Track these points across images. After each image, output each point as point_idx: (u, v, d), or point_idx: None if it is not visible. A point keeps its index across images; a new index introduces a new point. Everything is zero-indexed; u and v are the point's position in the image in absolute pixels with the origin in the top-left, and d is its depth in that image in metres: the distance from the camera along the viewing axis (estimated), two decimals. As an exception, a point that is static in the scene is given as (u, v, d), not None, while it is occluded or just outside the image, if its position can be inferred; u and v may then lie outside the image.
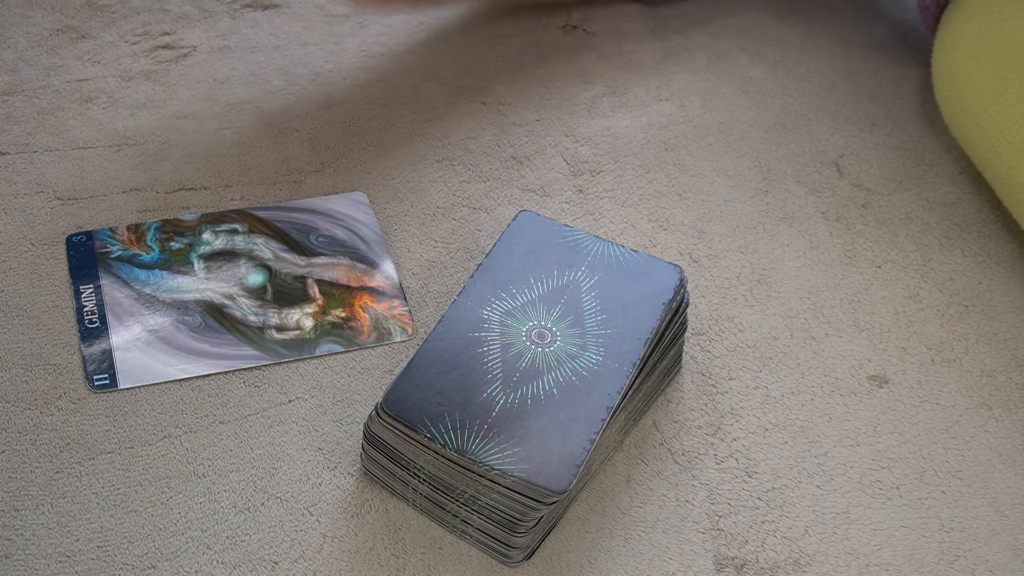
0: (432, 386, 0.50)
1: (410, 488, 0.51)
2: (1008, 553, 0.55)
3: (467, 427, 0.49)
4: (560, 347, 0.52)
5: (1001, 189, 0.63)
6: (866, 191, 0.68)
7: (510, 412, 0.49)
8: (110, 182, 0.65)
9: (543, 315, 0.53)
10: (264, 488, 0.54)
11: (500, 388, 0.50)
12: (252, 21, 0.74)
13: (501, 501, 0.49)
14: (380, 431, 0.50)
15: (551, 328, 0.52)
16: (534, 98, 0.72)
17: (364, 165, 0.67)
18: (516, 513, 0.49)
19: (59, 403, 0.56)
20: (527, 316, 0.53)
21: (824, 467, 0.57)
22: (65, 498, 0.52)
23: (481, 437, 0.49)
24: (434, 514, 0.52)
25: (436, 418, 0.49)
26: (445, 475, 0.49)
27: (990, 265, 0.65)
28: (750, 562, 0.53)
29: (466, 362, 0.51)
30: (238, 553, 0.51)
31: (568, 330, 0.52)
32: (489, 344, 0.52)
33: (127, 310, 0.59)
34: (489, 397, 0.50)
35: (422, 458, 0.49)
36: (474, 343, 0.52)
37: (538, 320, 0.53)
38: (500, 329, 0.52)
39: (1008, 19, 0.62)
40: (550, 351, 0.51)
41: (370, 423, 0.51)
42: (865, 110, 0.73)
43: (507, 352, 0.51)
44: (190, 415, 0.56)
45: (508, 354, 0.51)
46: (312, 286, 0.61)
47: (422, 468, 0.50)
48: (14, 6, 0.73)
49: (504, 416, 0.49)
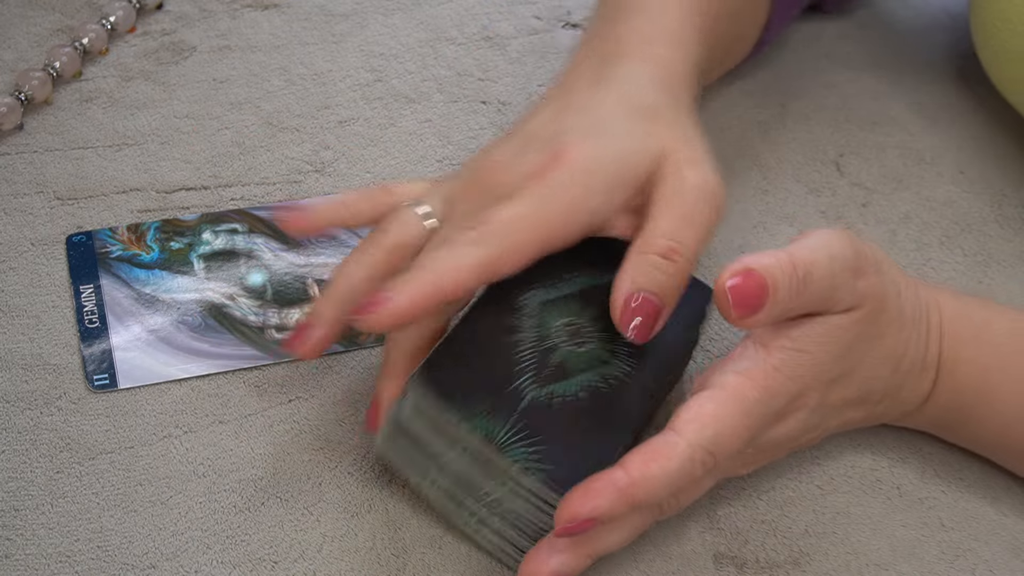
0: (466, 366, 0.49)
1: (428, 479, 0.50)
2: (1008, 553, 0.55)
3: (497, 414, 0.48)
4: (592, 350, 0.51)
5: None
6: (866, 190, 0.68)
7: (539, 407, 0.49)
8: (110, 182, 0.65)
9: (578, 312, 0.52)
10: (264, 488, 0.54)
11: (532, 380, 0.49)
12: (252, 21, 0.74)
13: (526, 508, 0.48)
14: (409, 408, 0.49)
15: (586, 328, 0.51)
16: (534, 97, 0.72)
17: (364, 165, 0.67)
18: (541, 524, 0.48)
19: (59, 403, 0.56)
20: (566, 310, 0.52)
21: (824, 467, 0.57)
22: (65, 498, 0.53)
23: (510, 427, 0.48)
24: (448, 511, 0.51)
25: (467, 398, 0.48)
26: (469, 465, 0.49)
27: (991, 265, 0.65)
28: (750, 561, 0.53)
29: (499, 347, 0.50)
30: (238, 553, 0.51)
31: (601, 333, 0.51)
32: (524, 332, 0.51)
33: (127, 310, 0.59)
34: (520, 387, 0.49)
35: (449, 442, 0.49)
36: (509, 329, 0.51)
37: (573, 317, 0.52)
38: (537, 319, 0.51)
39: None
40: (582, 352, 0.51)
41: (401, 399, 0.49)
42: (865, 110, 0.73)
43: (541, 344, 0.50)
44: (190, 415, 0.56)
45: (542, 346, 0.50)
46: (312, 286, 0.61)
47: (446, 455, 0.49)
48: (14, 6, 0.73)
49: (534, 410, 0.49)
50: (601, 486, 0.45)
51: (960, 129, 0.72)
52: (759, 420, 0.48)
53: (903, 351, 0.52)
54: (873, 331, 0.51)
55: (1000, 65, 0.66)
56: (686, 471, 0.46)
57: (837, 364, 0.50)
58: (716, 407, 0.47)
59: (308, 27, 0.75)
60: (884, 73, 0.75)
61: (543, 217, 0.50)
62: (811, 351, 0.49)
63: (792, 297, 0.47)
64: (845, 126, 0.72)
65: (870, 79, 0.75)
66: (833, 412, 0.52)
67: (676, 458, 0.46)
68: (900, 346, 0.52)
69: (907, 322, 0.52)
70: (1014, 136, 0.72)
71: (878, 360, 0.51)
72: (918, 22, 0.79)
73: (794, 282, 0.47)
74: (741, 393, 0.48)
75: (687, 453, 0.46)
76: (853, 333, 0.50)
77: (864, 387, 0.52)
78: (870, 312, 0.50)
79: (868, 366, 0.51)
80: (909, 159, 0.71)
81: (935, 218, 0.67)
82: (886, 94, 0.74)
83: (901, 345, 0.52)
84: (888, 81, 0.75)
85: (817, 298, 0.48)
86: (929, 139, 0.72)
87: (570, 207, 0.50)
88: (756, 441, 0.50)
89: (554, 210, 0.50)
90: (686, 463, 0.46)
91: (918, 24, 0.79)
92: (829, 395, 0.51)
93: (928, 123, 0.73)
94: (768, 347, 0.49)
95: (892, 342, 0.51)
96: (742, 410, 0.47)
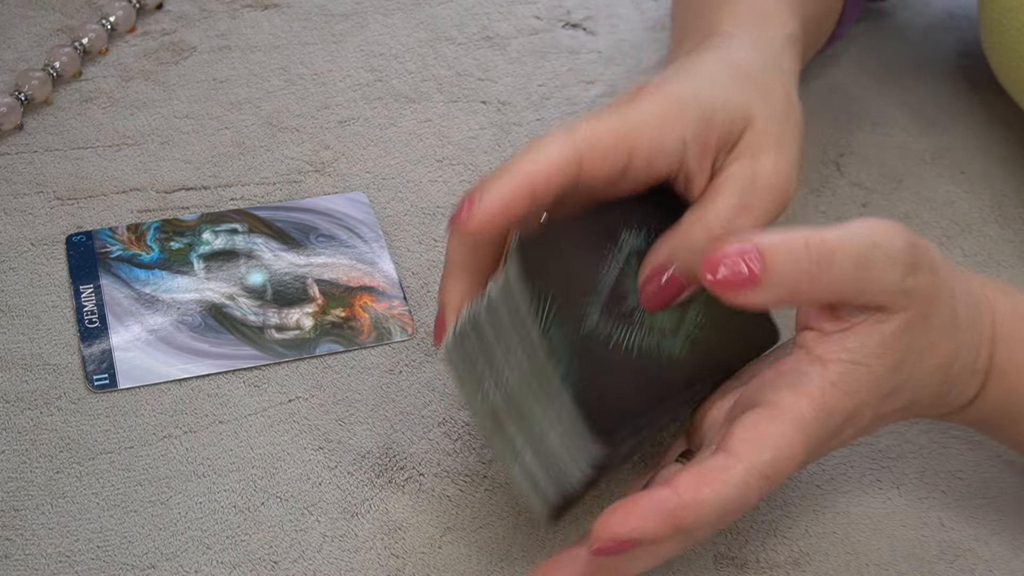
0: (555, 260, 0.47)
1: (482, 391, 0.49)
2: (1008, 553, 0.55)
3: (565, 324, 0.46)
4: (658, 317, 0.49)
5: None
6: (866, 190, 0.68)
7: (599, 340, 0.47)
8: (110, 182, 0.65)
9: None
10: (264, 488, 0.54)
11: (597, 308, 0.47)
12: (252, 21, 0.74)
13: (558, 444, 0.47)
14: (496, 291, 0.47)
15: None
16: (534, 98, 0.72)
17: (364, 165, 0.67)
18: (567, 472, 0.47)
19: (59, 403, 0.56)
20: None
21: (824, 467, 0.57)
22: (65, 498, 0.53)
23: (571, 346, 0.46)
24: (490, 435, 0.49)
25: (545, 292, 0.46)
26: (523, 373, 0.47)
27: (991, 265, 0.65)
28: (750, 561, 0.53)
29: (585, 263, 0.48)
30: (238, 553, 0.51)
31: (673, 308, 0.49)
32: (612, 266, 0.49)
33: (127, 310, 0.59)
34: (585, 310, 0.47)
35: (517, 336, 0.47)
36: (601, 253, 0.49)
37: None
38: (624, 262, 0.49)
39: None
40: (653, 314, 0.48)
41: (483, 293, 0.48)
42: (865, 110, 0.73)
43: (619, 283, 0.48)
44: (190, 415, 0.56)
45: (619, 286, 0.48)
46: (312, 286, 0.61)
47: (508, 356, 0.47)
48: (14, 6, 0.73)
49: (593, 340, 0.47)
50: (647, 506, 0.42)
51: (960, 129, 0.72)
52: (816, 441, 0.45)
53: (954, 358, 0.48)
54: (924, 340, 0.47)
55: (1008, 65, 0.66)
56: (740, 497, 0.43)
57: (892, 377, 0.46)
58: (774, 428, 0.44)
59: (308, 27, 0.75)
60: (885, 73, 0.75)
61: (631, 128, 0.48)
62: (869, 364, 0.45)
63: (804, 279, 0.43)
64: (845, 126, 0.72)
65: (871, 79, 0.75)
66: (878, 423, 0.49)
67: (731, 483, 0.43)
68: (951, 354, 0.48)
69: (960, 327, 0.48)
70: (1014, 136, 0.72)
71: (929, 371, 0.48)
72: (919, 22, 0.79)
73: (804, 263, 0.43)
74: (799, 413, 0.44)
75: (743, 478, 0.43)
76: (905, 343, 0.46)
77: (913, 396, 0.48)
78: (918, 315, 0.46)
79: (918, 376, 0.48)
80: (909, 159, 0.71)
81: (935, 218, 0.67)
82: (887, 94, 0.74)
83: (952, 352, 0.48)
84: (889, 81, 0.75)
85: (848, 286, 0.44)
86: (929, 139, 0.72)
87: (659, 126, 0.49)
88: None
89: (643, 123, 0.48)
90: (741, 488, 0.43)
91: (919, 24, 0.79)
92: (881, 408, 0.47)
93: (928, 123, 0.73)
94: (824, 360, 0.45)
95: (943, 351, 0.48)
96: (801, 431, 0.44)
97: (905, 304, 0.45)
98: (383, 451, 0.55)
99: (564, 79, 0.73)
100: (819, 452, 0.47)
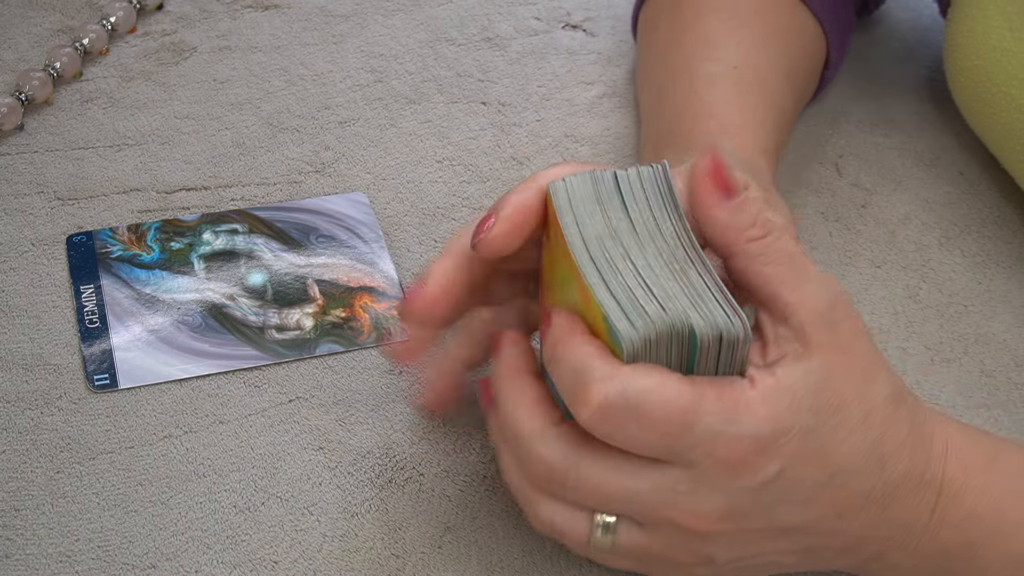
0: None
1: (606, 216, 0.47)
2: (1007, 553, 0.54)
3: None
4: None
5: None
6: (865, 191, 0.68)
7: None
8: (110, 182, 0.65)
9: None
10: (264, 488, 0.54)
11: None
12: (252, 21, 0.74)
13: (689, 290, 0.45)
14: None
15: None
16: (534, 98, 0.72)
17: (364, 165, 0.67)
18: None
19: (59, 403, 0.56)
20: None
21: (824, 467, 0.57)
22: (65, 498, 0.53)
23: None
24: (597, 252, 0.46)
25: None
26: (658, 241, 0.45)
27: (989, 265, 0.65)
28: (750, 562, 0.53)
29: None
30: (238, 553, 0.51)
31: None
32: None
33: (127, 310, 0.59)
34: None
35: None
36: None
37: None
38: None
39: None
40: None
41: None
42: (865, 110, 0.73)
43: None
44: (190, 415, 0.56)
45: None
46: (312, 286, 0.61)
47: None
48: (14, 6, 0.73)
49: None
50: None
51: (960, 130, 0.72)
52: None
53: (890, 448, 0.45)
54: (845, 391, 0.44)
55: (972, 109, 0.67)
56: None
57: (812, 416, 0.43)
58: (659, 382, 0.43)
59: (308, 28, 0.75)
60: (884, 74, 0.76)
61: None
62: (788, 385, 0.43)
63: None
64: (845, 127, 0.72)
65: (870, 80, 0.75)
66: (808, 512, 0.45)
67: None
68: (888, 441, 0.45)
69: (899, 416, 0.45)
70: (1014, 137, 0.72)
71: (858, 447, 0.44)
72: (918, 23, 0.79)
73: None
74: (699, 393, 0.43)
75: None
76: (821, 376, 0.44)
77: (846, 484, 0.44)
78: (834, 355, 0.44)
79: (846, 452, 0.44)
80: (908, 160, 0.71)
81: (935, 219, 0.68)
82: (886, 95, 0.74)
83: (889, 440, 0.45)
84: (888, 82, 0.75)
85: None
86: (929, 140, 0.72)
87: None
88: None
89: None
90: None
91: (918, 25, 0.79)
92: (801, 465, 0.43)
93: (927, 124, 0.73)
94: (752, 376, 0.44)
95: (878, 432, 0.45)
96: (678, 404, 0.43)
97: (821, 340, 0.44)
98: (383, 451, 0.55)
99: (564, 80, 0.73)
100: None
